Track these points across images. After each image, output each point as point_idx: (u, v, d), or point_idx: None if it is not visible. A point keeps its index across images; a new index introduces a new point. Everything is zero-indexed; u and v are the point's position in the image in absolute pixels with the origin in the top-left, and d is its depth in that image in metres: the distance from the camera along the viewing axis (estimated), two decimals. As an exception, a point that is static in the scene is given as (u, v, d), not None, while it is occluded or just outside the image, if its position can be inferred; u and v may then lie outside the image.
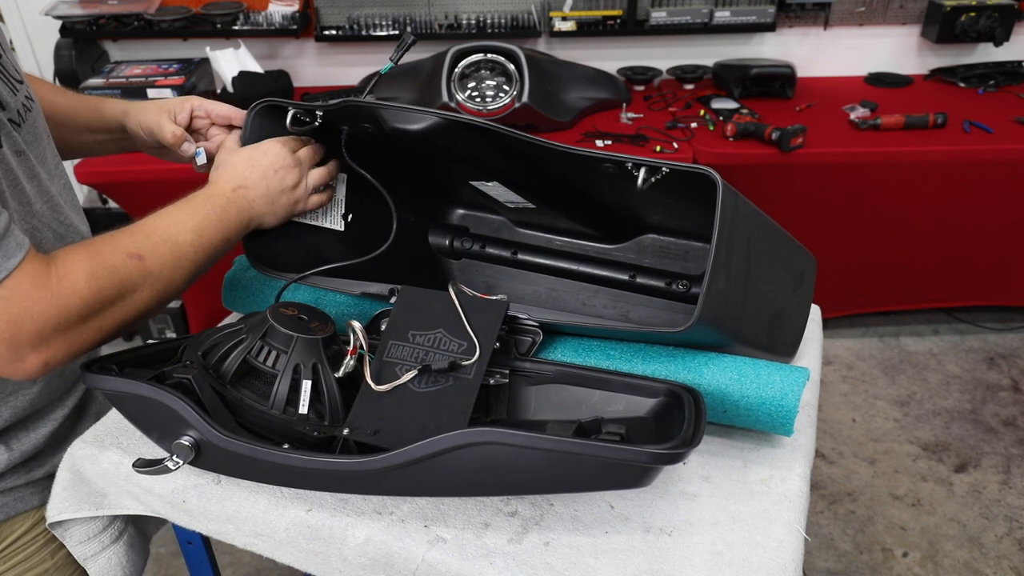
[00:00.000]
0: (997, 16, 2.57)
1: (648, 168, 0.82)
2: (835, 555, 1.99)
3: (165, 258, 0.82)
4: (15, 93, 0.86)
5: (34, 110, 0.91)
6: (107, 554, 0.98)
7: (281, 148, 0.95)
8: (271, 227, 0.96)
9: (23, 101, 0.88)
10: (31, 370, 0.75)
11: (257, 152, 0.94)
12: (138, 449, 0.93)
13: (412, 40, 0.98)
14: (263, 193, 0.93)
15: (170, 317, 2.64)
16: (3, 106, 0.83)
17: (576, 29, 2.57)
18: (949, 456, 2.27)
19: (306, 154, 0.98)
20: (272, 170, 0.93)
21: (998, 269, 2.51)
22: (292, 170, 0.95)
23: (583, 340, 0.95)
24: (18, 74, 0.90)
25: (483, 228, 1.21)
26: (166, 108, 1.02)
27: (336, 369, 0.85)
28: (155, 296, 0.82)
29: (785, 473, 0.89)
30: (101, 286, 0.76)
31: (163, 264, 0.82)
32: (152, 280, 0.81)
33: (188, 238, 0.85)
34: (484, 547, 0.80)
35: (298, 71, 2.70)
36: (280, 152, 0.95)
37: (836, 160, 2.26)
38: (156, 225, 0.84)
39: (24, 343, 0.72)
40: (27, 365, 0.74)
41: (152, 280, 0.81)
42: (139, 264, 0.80)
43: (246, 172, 0.93)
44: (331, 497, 0.86)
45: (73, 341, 0.76)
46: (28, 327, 0.72)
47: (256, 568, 1.95)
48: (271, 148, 0.95)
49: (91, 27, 2.44)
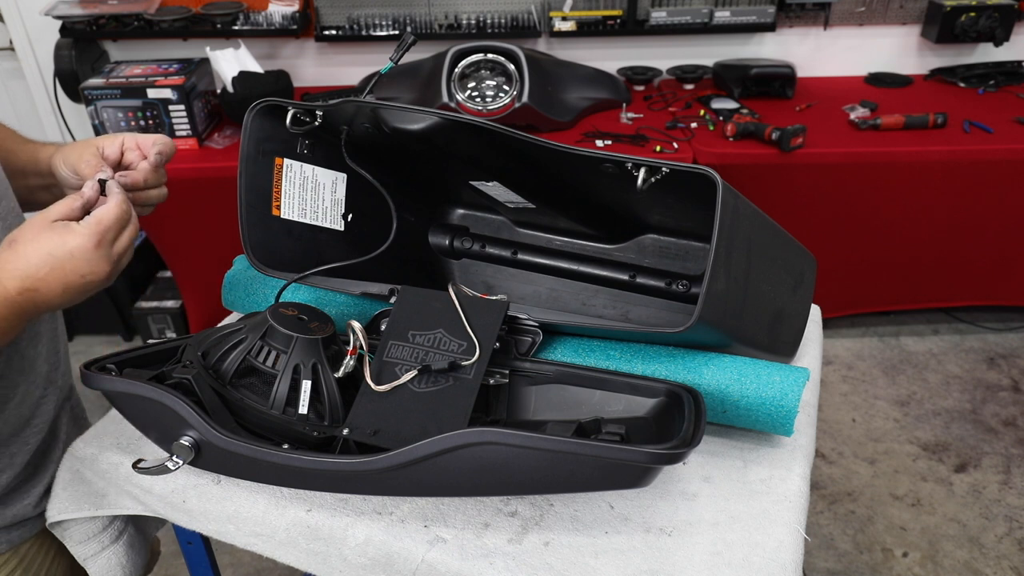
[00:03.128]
0: (997, 16, 2.57)
1: (648, 168, 0.82)
2: (835, 555, 1.99)
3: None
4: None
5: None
6: (107, 554, 0.98)
7: (95, 251, 0.77)
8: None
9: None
10: None
11: (63, 252, 0.76)
12: (138, 449, 0.93)
13: (412, 40, 0.98)
14: (59, 294, 0.76)
15: (170, 317, 2.64)
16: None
17: (576, 29, 2.57)
18: (949, 456, 2.27)
19: (124, 244, 0.81)
20: (78, 275, 0.77)
21: (998, 269, 2.51)
22: (104, 275, 0.79)
23: (583, 340, 0.95)
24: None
25: (483, 228, 1.21)
26: (94, 144, 0.92)
27: (336, 369, 0.85)
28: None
29: (785, 473, 0.89)
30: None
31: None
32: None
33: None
34: (484, 547, 0.80)
35: (298, 71, 2.70)
36: (92, 257, 0.77)
37: (836, 160, 2.26)
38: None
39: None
40: None
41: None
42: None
43: (40, 274, 0.75)
44: (331, 497, 0.86)
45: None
46: None
47: (256, 568, 1.95)
48: (82, 250, 0.76)
49: (91, 27, 2.44)
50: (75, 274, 0.76)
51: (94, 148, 0.91)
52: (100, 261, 0.78)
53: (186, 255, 2.43)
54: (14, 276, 0.74)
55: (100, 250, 0.77)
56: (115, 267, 0.80)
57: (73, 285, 0.77)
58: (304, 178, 1.04)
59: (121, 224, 0.81)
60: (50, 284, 0.76)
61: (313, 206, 1.05)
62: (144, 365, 0.89)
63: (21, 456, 0.94)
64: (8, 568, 0.95)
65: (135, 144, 0.92)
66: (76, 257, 0.76)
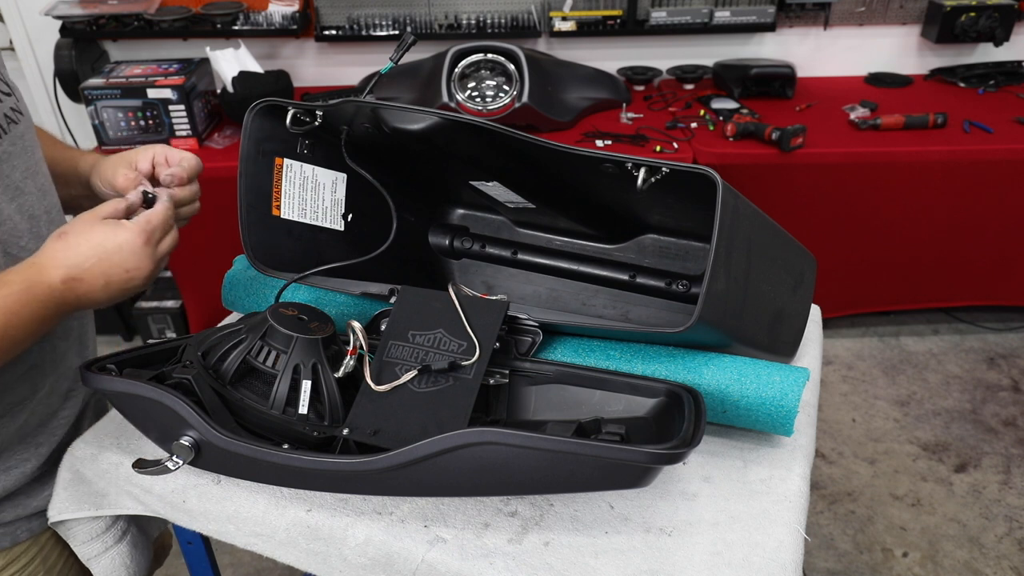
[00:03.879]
0: (997, 16, 2.57)
1: (648, 168, 0.82)
2: (835, 555, 1.99)
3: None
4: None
5: (21, 123, 0.86)
6: (111, 554, 0.98)
7: (142, 248, 0.80)
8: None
9: (9, 110, 0.84)
10: None
11: (111, 244, 0.78)
12: (138, 449, 0.93)
13: (412, 40, 0.98)
14: (101, 287, 0.78)
15: (170, 317, 2.64)
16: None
17: (576, 29, 2.57)
18: (949, 456, 2.27)
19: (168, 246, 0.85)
20: (122, 270, 0.79)
21: (998, 269, 2.51)
22: (147, 273, 0.81)
23: (583, 340, 0.95)
24: (7, 86, 0.86)
25: (483, 228, 1.21)
26: (127, 157, 0.95)
27: (336, 369, 0.85)
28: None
29: (785, 473, 0.89)
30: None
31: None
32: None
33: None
34: (484, 547, 0.80)
35: (298, 71, 2.70)
36: (138, 253, 0.80)
37: (836, 160, 2.26)
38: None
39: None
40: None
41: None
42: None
43: (87, 264, 0.77)
44: (331, 497, 0.86)
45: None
46: None
47: (256, 568, 1.95)
48: (129, 245, 0.79)
49: (91, 27, 2.44)
50: (119, 267, 0.78)
51: (128, 161, 0.94)
52: (145, 258, 0.80)
53: (186, 255, 2.43)
54: (60, 266, 0.76)
55: (147, 248, 0.80)
56: (156, 267, 0.82)
57: (115, 280, 0.78)
58: (304, 178, 1.04)
59: (167, 227, 0.84)
60: (94, 276, 0.77)
61: (313, 206, 1.05)
62: (144, 365, 0.89)
63: (46, 447, 0.96)
64: (28, 557, 0.96)
65: (164, 159, 0.95)
66: (124, 250, 0.78)
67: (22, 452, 0.93)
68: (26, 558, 0.95)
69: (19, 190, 0.84)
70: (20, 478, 0.93)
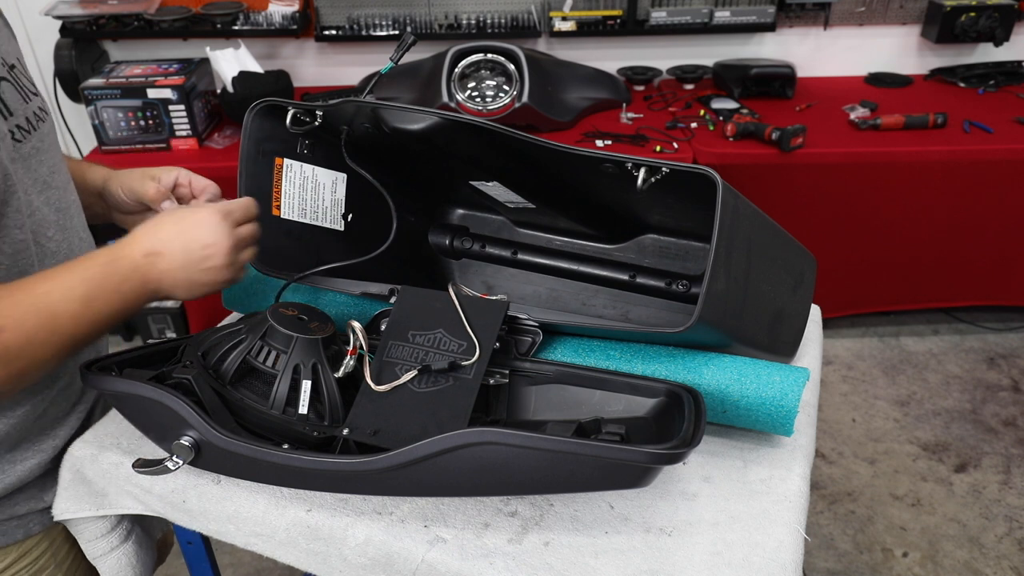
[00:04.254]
0: (997, 16, 2.56)
1: (648, 168, 0.82)
2: (835, 555, 1.99)
3: (31, 332, 0.70)
4: (26, 102, 0.86)
5: (47, 122, 0.89)
6: (116, 555, 0.99)
7: (220, 223, 0.83)
8: (188, 300, 0.86)
9: (35, 111, 0.87)
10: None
11: (190, 220, 0.83)
12: (138, 449, 0.93)
13: (412, 40, 0.98)
14: (180, 266, 0.81)
15: (170, 317, 2.64)
16: (10, 112, 0.82)
17: (576, 29, 2.57)
18: (949, 456, 2.27)
19: (248, 231, 0.88)
20: (200, 245, 0.82)
21: (998, 269, 2.51)
22: (225, 250, 0.83)
23: (583, 340, 0.95)
24: (33, 87, 0.89)
25: (483, 228, 1.21)
26: (151, 173, 1.00)
27: (336, 369, 0.85)
28: (10, 374, 0.69)
29: (785, 473, 0.89)
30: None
31: (26, 338, 0.70)
32: (7, 357, 0.68)
33: (70, 308, 0.73)
34: (484, 547, 0.80)
35: (298, 71, 2.70)
36: (216, 228, 0.83)
37: (836, 160, 2.26)
38: (34, 290, 0.72)
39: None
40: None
41: (7, 357, 0.68)
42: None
43: (167, 238, 0.81)
44: (331, 497, 0.86)
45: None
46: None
47: (256, 568, 1.95)
48: (208, 220, 0.83)
49: (91, 27, 2.44)
50: (197, 242, 0.81)
51: (152, 175, 1.00)
52: (222, 235, 0.83)
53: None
54: (142, 242, 0.81)
55: (224, 224, 0.83)
56: (233, 249, 0.84)
57: (194, 254, 0.81)
58: (304, 178, 1.04)
59: (247, 213, 0.88)
60: (173, 250, 0.80)
61: (313, 206, 1.05)
62: (144, 365, 0.89)
63: (60, 440, 0.96)
64: (39, 550, 0.96)
65: (188, 181, 1.01)
66: (201, 225, 0.82)
67: (39, 443, 0.94)
68: (37, 551, 0.96)
69: (46, 184, 0.87)
70: (35, 470, 0.93)
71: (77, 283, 0.75)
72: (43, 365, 0.74)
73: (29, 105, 0.86)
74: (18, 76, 0.87)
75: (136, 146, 2.30)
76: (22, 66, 0.89)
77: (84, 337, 0.77)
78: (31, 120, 0.86)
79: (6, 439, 0.89)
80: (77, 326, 0.74)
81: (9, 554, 0.93)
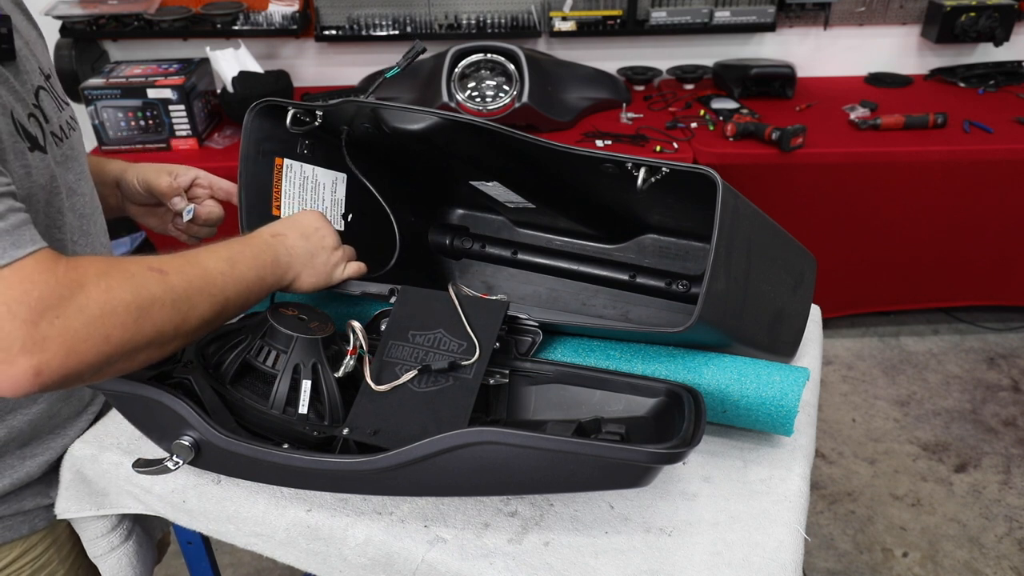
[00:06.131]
0: (997, 16, 2.56)
1: (648, 168, 0.82)
2: (835, 555, 1.99)
3: (191, 279, 0.75)
4: (60, 111, 0.89)
5: (77, 131, 0.93)
6: (116, 554, 0.99)
7: (318, 215, 0.95)
8: (310, 290, 0.92)
9: (67, 120, 0.90)
10: (19, 376, 0.63)
11: (297, 215, 0.95)
12: (138, 449, 0.94)
13: (422, 49, 0.98)
14: (302, 246, 0.90)
15: (170, 317, 2.64)
16: (47, 119, 0.85)
17: (576, 29, 2.57)
18: (949, 456, 2.27)
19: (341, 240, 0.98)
20: (312, 228, 0.93)
21: (998, 269, 2.51)
22: (330, 232, 0.94)
23: (583, 340, 0.95)
24: (64, 97, 0.92)
25: (483, 228, 1.21)
26: (168, 168, 1.05)
27: (336, 369, 0.85)
28: (176, 316, 0.72)
29: (785, 473, 0.89)
30: (112, 286, 0.67)
31: (188, 284, 0.74)
32: (174, 296, 0.72)
33: (219, 266, 0.79)
34: (484, 547, 0.80)
35: (298, 71, 2.70)
36: (317, 216, 0.95)
37: (836, 160, 2.26)
38: (186, 252, 0.79)
39: (15, 338, 0.62)
40: (15, 369, 0.62)
41: (174, 296, 0.72)
42: (160, 277, 0.72)
43: (283, 227, 0.91)
44: (331, 497, 0.86)
45: (72, 345, 0.64)
46: (23, 315, 0.62)
47: (256, 568, 1.95)
48: (308, 213, 0.96)
49: (91, 27, 2.44)
50: (310, 226, 0.92)
51: (170, 171, 1.05)
52: (327, 227, 0.94)
53: (186, 255, 2.43)
54: (266, 229, 0.90)
55: (327, 221, 0.95)
56: (338, 239, 0.95)
57: (310, 236, 0.92)
58: (304, 178, 1.04)
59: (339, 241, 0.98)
60: (292, 231, 0.91)
61: (313, 206, 1.05)
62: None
63: (70, 438, 0.97)
64: (44, 546, 0.97)
65: (209, 183, 1.08)
66: (307, 214, 0.95)
67: (49, 441, 0.94)
68: (42, 547, 0.96)
69: (72, 191, 0.89)
70: (43, 467, 0.94)
71: (220, 248, 0.82)
72: (201, 317, 0.76)
73: (62, 114, 0.90)
74: (53, 85, 0.90)
75: (136, 146, 2.30)
76: (54, 76, 0.93)
77: (234, 299, 0.80)
78: (64, 128, 0.89)
79: (19, 436, 0.90)
80: (226, 282, 0.79)
81: (14, 549, 0.93)
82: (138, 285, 0.70)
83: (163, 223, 1.10)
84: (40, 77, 0.86)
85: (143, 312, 0.69)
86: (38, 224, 0.81)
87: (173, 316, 0.72)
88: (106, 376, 0.71)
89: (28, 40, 0.87)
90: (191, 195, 1.07)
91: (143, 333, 0.70)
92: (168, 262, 0.74)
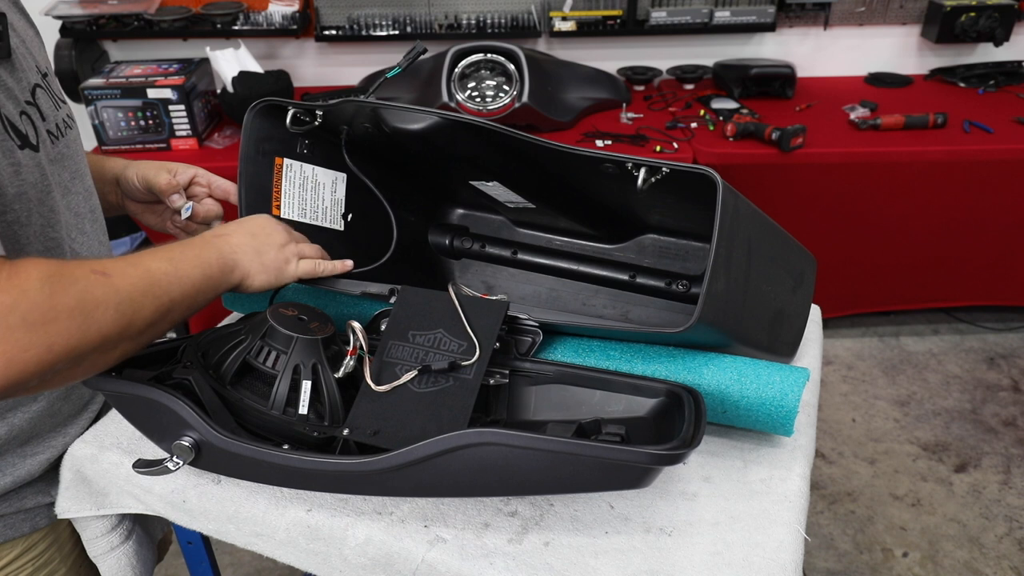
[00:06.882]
0: (997, 16, 2.56)
1: (648, 168, 0.82)
2: (835, 555, 1.99)
3: (134, 281, 0.74)
4: (57, 109, 0.89)
5: (74, 128, 0.93)
6: (116, 554, 0.99)
7: (267, 216, 0.95)
8: (262, 287, 0.90)
9: (64, 118, 0.91)
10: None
11: (242, 219, 0.95)
12: (138, 449, 0.94)
13: (423, 50, 0.98)
14: (248, 243, 0.89)
15: (170, 317, 2.64)
16: (43, 117, 0.85)
17: (576, 29, 2.57)
18: (949, 456, 2.27)
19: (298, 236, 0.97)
20: (258, 226, 0.92)
21: (998, 269, 2.51)
22: (279, 230, 0.93)
23: (583, 340, 0.95)
24: (62, 95, 0.93)
25: (483, 228, 1.21)
26: (167, 165, 1.06)
27: (336, 369, 0.85)
28: (120, 319, 0.71)
29: (785, 473, 0.89)
30: (55, 291, 0.65)
31: (131, 286, 0.73)
32: (118, 299, 0.71)
33: (161, 267, 0.78)
34: (484, 547, 0.80)
35: (298, 71, 2.70)
36: (265, 217, 0.95)
37: (836, 160, 2.25)
38: (128, 255, 0.78)
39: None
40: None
41: (118, 299, 0.71)
42: (103, 280, 0.70)
43: (228, 228, 0.91)
44: (331, 497, 0.86)
45: (13, 355, 0.62)
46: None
47: (256, 568, 1.95)
48: (257, 215, 0.95)
49: (91, 27, 2.44)
50: (257, 224, 0.92)
51: (169, 169, 1.05)
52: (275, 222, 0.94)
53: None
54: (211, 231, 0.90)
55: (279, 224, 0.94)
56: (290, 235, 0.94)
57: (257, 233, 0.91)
58: (304, 178, 1.04)
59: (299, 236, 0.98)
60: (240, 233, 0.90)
61: (313, 206, 1.05)
62: (144, 365, 0.89)
63: (71, 437, 0.97)
64: (45, 544, 0.97)
65: (208, 182, 1.08)
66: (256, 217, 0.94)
67: (50, 440, 0.94)
68: (43, 545, 0.96)
69: (67, 189, 0.90)
70: (44, 465, 0.94)
71: (162, 250, 0.81)
72: (146, 320, 0.75)
73: (59, 112, 0.90)
74: (50, 83, 0.90)
75: (136, 146, 2.30)
76: (52, 74, 0.93)
77: (180, 299, 0.79)
78: (60, 127, 0.89)
79: (20, 434, 0.90)
80: (171, 283, 0.78)
81: (16, 547, 0.93)
82: (82, 290, 0.68)
83: (162, 221, 1.10)
84: (37, 75, 0.87)
85: (90, 319, 0.68)
86: (32, 222, 0.81)
87: (118, 320, 0.71)
88: (52, 386, 0.70)
89: (25, 39, 0.87)
90: (190, 193, 1.07)
91: (87, 339, 0.68)
92: (111, 265, 0.73)
